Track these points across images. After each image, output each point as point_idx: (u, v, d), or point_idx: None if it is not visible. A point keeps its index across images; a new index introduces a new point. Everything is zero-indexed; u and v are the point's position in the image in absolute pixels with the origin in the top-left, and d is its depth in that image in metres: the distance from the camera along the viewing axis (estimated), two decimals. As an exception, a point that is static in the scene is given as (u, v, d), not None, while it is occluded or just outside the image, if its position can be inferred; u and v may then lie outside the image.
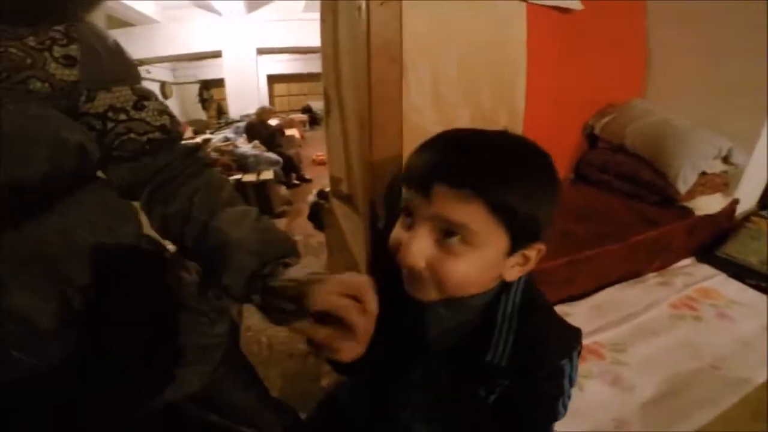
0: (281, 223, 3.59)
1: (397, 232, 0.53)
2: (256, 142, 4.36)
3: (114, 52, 0.55)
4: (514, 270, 0.53)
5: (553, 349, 0.55)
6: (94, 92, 0.51)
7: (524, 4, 1.54)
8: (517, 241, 0.49)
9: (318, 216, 2.13)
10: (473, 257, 0.47)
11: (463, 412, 0.61)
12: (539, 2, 1.57)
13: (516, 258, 0.51)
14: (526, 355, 0.54)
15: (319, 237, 2.52)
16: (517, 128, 1.67)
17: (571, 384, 0.58)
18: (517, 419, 0.59)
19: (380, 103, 0.80)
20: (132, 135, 0.53)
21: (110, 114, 0.52)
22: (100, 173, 0.57)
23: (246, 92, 7.42)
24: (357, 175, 1.01)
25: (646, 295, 1.33)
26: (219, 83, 7.96)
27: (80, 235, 0.50)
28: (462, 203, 0.45)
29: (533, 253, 0.52)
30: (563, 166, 1.92)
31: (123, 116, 0.53)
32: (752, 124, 1.62)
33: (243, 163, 3.83)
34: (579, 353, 0.59)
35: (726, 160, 1.58)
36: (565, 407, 0.60)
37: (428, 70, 1.50)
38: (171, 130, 0.57)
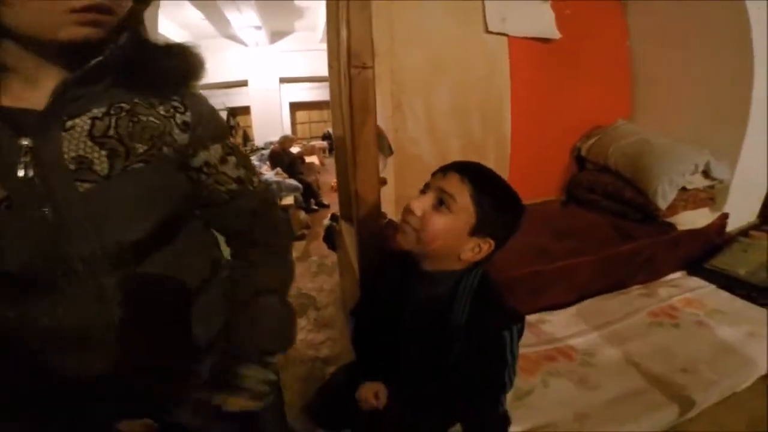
0: (300, 246, 3.83)
1: (412, 200, 0.77)
2: (279, 169, 4.67)
3: (212, 116, 0.64)
4: (468, 252, 0.75)
5: (497, 319, 0.76)
6: (197, 151, 0.61)
7: (506, 38, 1.72)
8: (479, 227, 0.72)
9: (331, 237, 2.33)
10: (449, 219, 0.72)
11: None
12: (519, 35, 1.75)
13: (473, 242, 0.74)
14: (477, 321, 0.75)
15: (334, 257, 2.72)
16: (505, 154, 1.83)
17: (513, 357, 0.76)
18: (471, 387, 0.76)
19: (362, 148, 0.97)
20: (218, 186, 0.64)
21: (204, 168, 0.62)
22: None
23: (270, 119, 7.88)
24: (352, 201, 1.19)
25: (627, 305, 1.42)
26: (245, 110, 8.49)
27: (187, 261, 0.61)
28: (458, 183, 0.72)
29: (485, 246, 0.74)
30: (554, 188, 2.05)
31: (213, 170, 0.63)
32: (733, 138, 1.69)
33: (266, 191, 4.12)
34: (520, 333, 0.77)
35: (707, 175, 1.66)
36: (510, 381, 0.78)
37: (422, 105, 1.70)
38: (244, 181, 0.66)
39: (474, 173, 0.73)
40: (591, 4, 1.87)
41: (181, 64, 0.59)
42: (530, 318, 1.28)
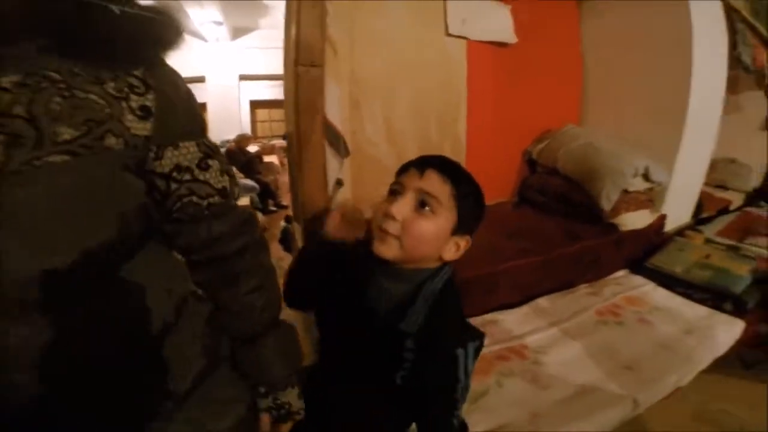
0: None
1: (382, 205, 0.71)
2: (234, 168, 4.47)
3: (186, 103, 0.52)
4: (449, 251, 0.71)
5: (452, 337, 0.71)
6: (162, 149, 0.47)
7: (465, 41, 1.74)
8: (459, 225, 0.69)
9: (287, 239, 2.26)
10: (434, 221, 0.68)
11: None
12: (478, 38, 1.77)
13: (452, 241, 0.70)
14: (432, 333, 0.69)
15: (290, 259, 2.64)
16: (460, 157, 1.85)
17: (467, 375, 0.71)
18: (421, 403, 0.71)
19: (308, 147, 0.93)
20: (194, 198, 0.50)
21: (175, 174, 0.49)
22: None
23: (228, 117, 7.57)
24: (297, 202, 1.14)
25: (575, 304, 1.47)
26: (201, 108, 8.11)
27: (141, 297, 0.48)
28: (439, 183, 0.67)
29: (463, 242, 0.71)
30: (507, 190, 2.11)
31: (188, 176, 0.50)
32: (671, 142, 1.79)
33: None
34: (478, 351, 0.73)
35: (647, 178, 1.77)
36: (463, 397, 0.72)
37: (381, 107, 1.68)
38: (229, 193, 0.55)
39: (451, 170, 0.70)
40: (548, 10, 1.92)
41: (146, 28, 0.45)
42: (484, 318, 1.29)
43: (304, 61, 0.87)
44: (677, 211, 1.97)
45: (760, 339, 1.76)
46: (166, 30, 0.48)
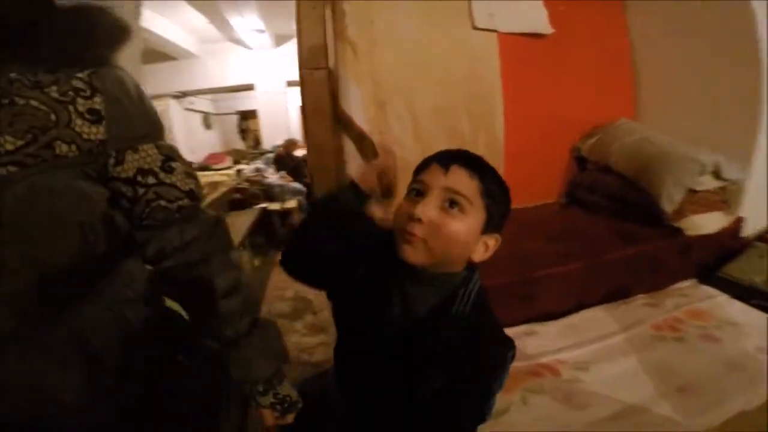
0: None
1: (405, 205, 0.66)
2: (283, 172, 4.68)
3: (138, 104, 0.49)
4: (479, 252, 0.65)
5: (492, 346, 0.65)
6: (122, 153, 0.46)
7: (495, 34, 1.64)
8: (489, 223, 0.64)
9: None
10: (465, 221, 0.62)
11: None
12: (508, 31, 1.66)
13: (482, 241, 0.65)
14: (469, 344, 0.63)
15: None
16: (498, 154, 1.73)
17: (500, 387, 0.66)
18: (446, 418, 0.65)
19: (315, 150, 0.91)
20: (162, 202, 0.48)
21: (139, 178, 0.47)
22: None
23: (277, 123, 7.87)
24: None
25: (629, 316, 1.31)
26: (254, 114, 8.55)
27: (111, 317, 0.48)
28: (467, 180, 0.62)
29: (492, 242, 0.66)
30: (553, 190, 1.95)
31: (152, 179, 0.48)
32: (746, 137, 1.57)
33: (270, 193, 4.13)
34: (511, 361, 0.67)
35: (718, 175, 1.54)
36: (489, 411, 0.67)
37: (405, 106, 1.63)
38: (197, 195, 0.53)
39: (477, 165, 0.63)
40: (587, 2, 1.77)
41: (88, 27, 0.44)
42: (518, 329, 1.18)
43: (307, 64, 0.85)
44: (757, 213, 1.70)
45: None
46: (108, 28, 0.46)
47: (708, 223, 1.57)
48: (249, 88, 5.82)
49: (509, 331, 1.09)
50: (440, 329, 0.64)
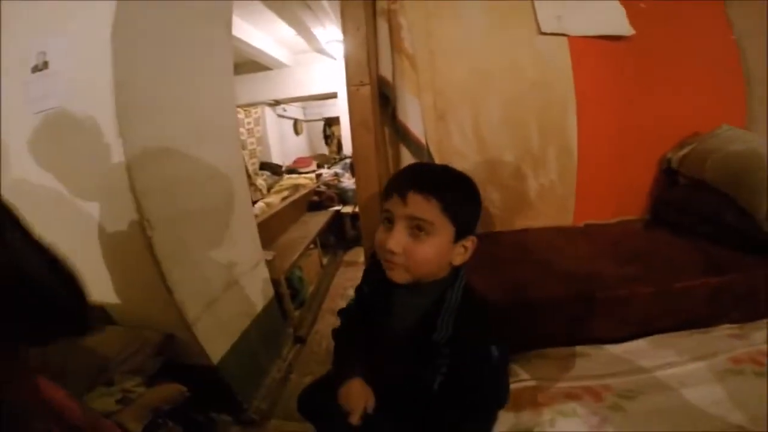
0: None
1: (380, 234, 0.76)
2: (357, 177, 4.91)
3: None
4: (458, 256, 0.73)
5: (481, 337, 0.71)
6: None
7: (566, 38, 1.56)
8: (459, 233, 0.70)
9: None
10: (433, 242, 0.69)
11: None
12: (580, 34, 1.57)
13: (459, 246, 0.72)
14: (461, 339, 0.70)
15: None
16: (570, 166, 1.63)
17: (501, 377, 0.73)
18: (457, 409, 0.71)
19: (361, 161, 0.98)
20: None
21: None
22: None
23: (359, 130, 8.29)
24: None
25: (705, 346, 1.12)
26: (337, 121, 9.07)
27: None
28: (425, 204, 0.67)
29: (469, 243, 0.73)
30: (638, 206, 1.74)
31: None
32: None
33: (344, 196, 4.40)
34: (506, 354, 0.73)
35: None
36: (505, 396, 0.75)
37: (469, 116, 1.63)
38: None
39: (432, 184, 0.69)
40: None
41: None
42: (564, 351, 1.12)
43: (353, 81, 0.93)
44: None
45: None
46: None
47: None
48: (333, 96, 6.21)
49: (555, 351, 1.06)
50: (436, 330, 0.72)
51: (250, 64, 5.36)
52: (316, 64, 5.87)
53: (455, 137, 1.58)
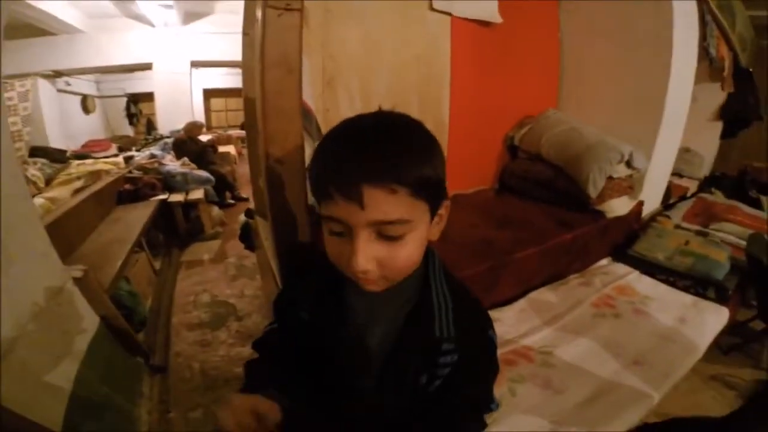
0: (214, 245, 3.37)
1: (334, 245, 0.51)
2: (185, 159, 4.06)
3: None
4: (435, 230, 0.57)
5: (482, 321, 0.61)
6: None
7: (449, 18, 1.60)
8: (434, 206, 0.53)
9: (248, 236, 2.01)
10: (412, 239, 0.51)
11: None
12: (463, 15, 1.62)
13: (436, 220, 0.55)
14: (465, 326, 0.58)
15: (254, 258, 2.40)
16: (443, 140, 1.71)
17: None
18: (460, 400, 0.59)
19: (277, 114, 0.72)
20: None
21: None
22: None
23: (178, 107, 6.95)
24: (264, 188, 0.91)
25: (569, 296, 1.39)
26: (149, 97, 7.44)
27: None
28: (391, 199, 0.46)
29: (444, 210, 0.56)
30: (488, 176, 2.01)
31: None
32: (650, 131, 1.79)
33: (170, 182, 3.55)
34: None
35: (629, 164, 1.73)
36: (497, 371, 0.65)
37: (359, 86, 1.49)
38: None
39: (389, 163, 0.46)
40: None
41: None
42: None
43: (276, 2, 0.66)
44: (651, 197, 1.98)
45: (738, 325, 1.80)
46: None
47: (621, 206, 1.75)
48: (146, 68, 5.05)
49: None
50: (434, 326, 0.57)
51: (26, 28, 3.88)
52: (126, 32, 4.68)
53: (343, 105, 1.41)
